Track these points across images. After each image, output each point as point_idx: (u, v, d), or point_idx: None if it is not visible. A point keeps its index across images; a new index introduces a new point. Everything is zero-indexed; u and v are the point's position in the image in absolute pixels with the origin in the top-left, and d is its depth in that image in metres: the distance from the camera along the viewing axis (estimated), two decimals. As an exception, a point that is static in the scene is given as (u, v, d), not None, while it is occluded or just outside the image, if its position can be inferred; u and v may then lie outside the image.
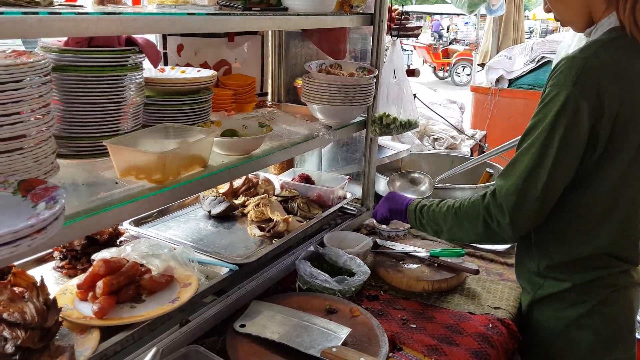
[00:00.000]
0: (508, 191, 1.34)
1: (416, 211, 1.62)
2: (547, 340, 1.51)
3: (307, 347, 1.28)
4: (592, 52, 1.28)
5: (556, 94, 1.29)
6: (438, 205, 1.56)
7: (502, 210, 1.35)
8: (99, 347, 1.15)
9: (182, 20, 1.22)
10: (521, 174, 1.33)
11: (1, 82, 0.98)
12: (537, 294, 1.51)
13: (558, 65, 1.32)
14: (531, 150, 1.32)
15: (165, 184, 1.24)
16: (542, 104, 1.33)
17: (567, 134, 1.28)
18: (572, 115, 1.27)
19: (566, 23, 1.45)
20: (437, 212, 1.55)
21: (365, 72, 1.98)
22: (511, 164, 1.37)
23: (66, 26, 0.98)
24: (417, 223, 1.63)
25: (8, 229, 0.82)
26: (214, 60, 2.02)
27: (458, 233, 1.50)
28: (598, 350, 1.44)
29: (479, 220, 1.41)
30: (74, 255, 1.52)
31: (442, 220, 1.52)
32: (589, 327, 1.43)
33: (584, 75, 1.25)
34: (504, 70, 5.39)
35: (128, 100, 1.33)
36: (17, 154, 1.04)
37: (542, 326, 1.52)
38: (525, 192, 1.32)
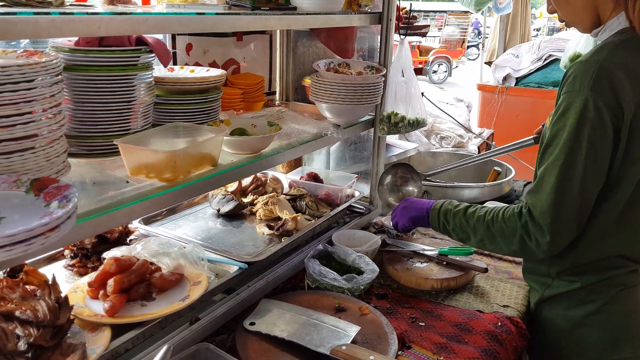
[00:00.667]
0: (542, 208, 1.29)
1: (440, 215, 1.56)
2: (555, 338, 1.51)
3: (316, 345, 1.28)
4: (605, 55, 1.25)
5: (573, 100, 1.26)
6: (466, 213, 1.49)
7: (541, 230, 1.30)
8: (110, 345, 1.16)
9: (192, 20, 1.23)
10: (552, 189, 1.28)
11: (14, 82, 0.99)
12: (545, 293, 1.51)
13: (569, 71, 1.30)
14: (558, 163, 1.28)
15: (176, 182, 1.24)
16: (558, 112, 1.29)
17: (593, 140, 1.25)
18: (595, 120, 1.24)
19: (572, 24, 1.42)
20: (465, 221, 1.48)
21: (374, 71, 1.98)
22: (540, 180, 1.32)
23: (78, 26, 0.98)
24: (440, 227, 1.57)
25: (22, 227, 0.83)
26: (222, 59, 2.03)
27: (489, 246, 1.46)
28: (606, 349, 1.44)
29: (515, 237, 1.36)
30: (84, 254, 1.53)
31: (471, 230, 1.47)
32: (596, 326, 1.43)
33: (600, 79, 1.23)
34: (511, 69, 5.36)
35: (138, 100, 1.34)
36: (30, 153, 1.05)
37: (550, 324, 1.52)
38: (561, 207, 1.28)
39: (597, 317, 1.43)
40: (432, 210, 1.59)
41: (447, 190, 2.31)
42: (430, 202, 1.62)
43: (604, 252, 1.39)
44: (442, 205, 1.57)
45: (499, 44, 6.52)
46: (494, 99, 5.41)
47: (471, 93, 5.51)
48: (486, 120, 5.39)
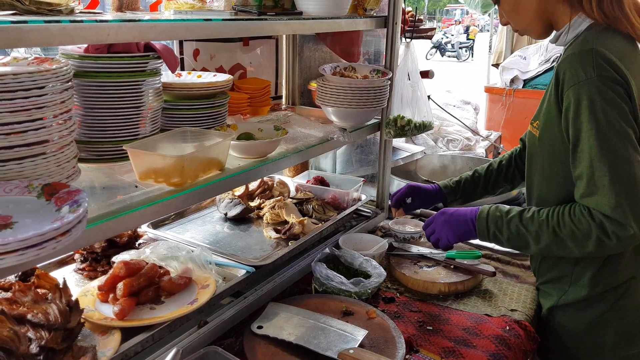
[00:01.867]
0: (611, 204, 1.23)
1: (489, 225, 1.43)
2: (570, 341, 1.50)
3: (324, 348, 1.29)
4: (594, 43, 1.27)
5: (584, 90, 1.24)
6: (522, 219, 1.38)
7: (621, 225, 1.23)
8: (120, 348, 1.17)
9: (199, 27, 1.24)
10: (610, 180, 1.22)
11: (26, 89, 1.01)
12: (561, 300, 1.50)
13: (562, 67, 1.29)
14: (601, 154, 1.23)
15: (184, 186, 1.26)
16: (570, 109, 1.27)
17: (621, 118, 1.22)
18: (613, 100, 1.22)
19: (524, 32, 1.46)
20: (524, 228, 1.37)
21: (379, 75, 1.98)
22: (589, 181, 1.25)
23: (88, 34, 1.00)
24: (491, 238, 1.44)
25: (34, 232, 0.85)
26: (229, 64, 2.05)
27: (556, 251, 1.35)
28: (622, 345, 1.44)
29: (591, 239, 1.27)
30: (94, 258, 1.55)
31: (532, 238, 1.36)
32: (611, 323, 1.43)
33: (601, 62, 1.23)
34: (519, 71, 5.35)
35: (146, 105, 1.36)
36: (41, 159, 1.06)
37: (563, 328, 1.51)
38: (630, 194, 1.22)
39: (611, 314, 1.43)
40: (478, 220, 1.46)
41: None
42: (473, 210, 1.49)
43: None
44: (489, 213, 1.45)
45: (506, 46, 6.50)
46: (502, 102, 5.40)
47: (478, 95, 5.49)
48: (494, 123, 5.37)
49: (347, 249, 1.77)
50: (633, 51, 1.33)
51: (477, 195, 1.83)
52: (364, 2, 1.90)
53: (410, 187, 1.79)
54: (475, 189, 1.81)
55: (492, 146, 4.06)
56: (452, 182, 1.82)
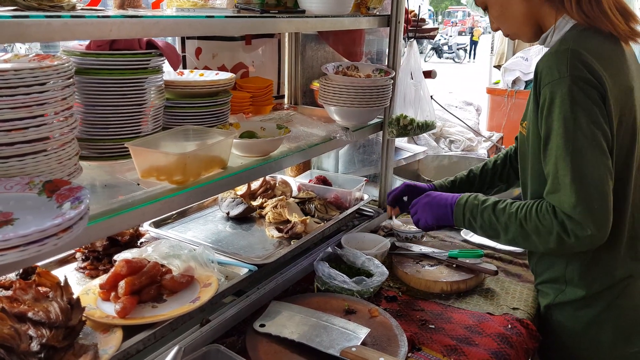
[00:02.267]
0: (570, 203, 1.24)
1: (465, 211, 1.46)
2: (568, 340, 1.50)
3: (326, 346, 1.28)
4: (572, 43, 1.27)
5: (557, 89, 1.25)
6: (495, 209, 1.40)
7: (579, 225, 1.24)
8: (122, 346, 1.16)
9: (202, 23, 1.24)
10: (572, 180, 1.24)
11: (27, 85, 1.00)
12: (557, 299, 1.50)
13: (540, 66, 1.30)
14: (565, 154, 1.25)
15: (186, 185, 1.25)
16: (544, 106, 1.28)
17: (590, 119, 1.23)
18: (584, 100, 1.23)
19: (515, 36, 1.48)
20: (495, 218, 1.39)
21: (382, 74, 1.98)
22: (554, 178, 1.28)
23: (90, 29, 1.00)
24: (466, 224, 1.48)
25: (35, 228, 0.84)
26: (231, 63, 2.04)
27: (522, 244, 1.39)
28: (619, 344, 1.43)
29: (552, 236, 1.28)
30: (95, 256, 1.54)
31: (502, 228, 1.38)
32: (608, 323, 1.43)
33: (575, 62, 1.24)
34: (521, 72, 5.34)
35: (149, 103, 1.36)
36: (42, 156, 1.06)
37: (562, 326, 1.51)
38: (588, 195, 1.23)
39: (608, 313, 1.42)
40: (456, 205, 1.49)
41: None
42: (454, 196, 1.52)
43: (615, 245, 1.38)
44: (467, 200, 1.47)
45: (508, 47, 6.49)
46: (504, 103, 5.39)
47: (480, 96, 5.49)
48: (495, 124, 5.37)
49: (350, 248, 1.76)
50: (614, 51, 1.33)
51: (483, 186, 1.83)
52: (367, 1, 1.90)
53: (406, 185, 1.80)
54: (470, 188, 1.80)
55: (494, 147, 4.04)
56: (447, 182, 1.82)
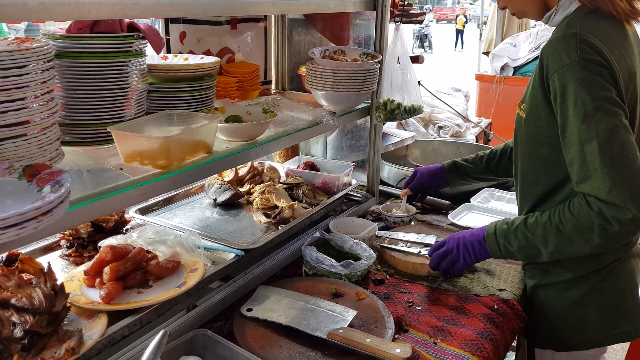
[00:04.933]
0: (606, 187, 1.19)
1: (498, 239, 1.40)
2: (553, 320, 1.51)
3: (313, 329, 1.28)
4: (578, 26, 1.26)
5: (569, 74, 1.22)
6: (526, 225, 1.35)
7: (619, 208, 1.19)
8: (107, 331, 1.16)
9: (185, 4, 1.22)
10: (602, 163, 1.19)
11: (5, 68, 0.98)
12: (544, 279, 1.52)
13: (546, 51, 1.28)
14: (590, 138, 1.20)
15: (170, 169, 1.24)
16: (557, 93, 1.25)
17: (607, 99, 1.20)
18: (598, 82, 1.21)
19: (522, 14, 1.46)
20: (531, 234, 1.34)
21: (369, 58, 1.97)
22: (581, 165, 1.23)
23: (68, 10, 0.97)
24: (502, 252, 1.41)
25: (14, 211, 0.83)
26: (216, 48, 2.02)
27: (567, 250, 1.31)
28: (604, 325, 1.45)
29: (594, 231, 1.23)
30: (80, 243, 1.53)
31: (541, 242, 1.32)
32: (593, 304, 1.44)
33: (584, 46, 1.22)
34: (509, 58, 5.35)
35: (131, 87, 1.33)
36: (22, 140, 1.04)
37: (547, 307, 1.52)
38: (623, 175, 1.19)
39: (593, 295, 1.44)
40: (487, 236, 1.44)
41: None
42: (482, 228, 1.47)
43: None
44: (496, 228, 1.42)
45: (497, 34, 6.50)
46: (492, 89, 5.41)
47: (469, 83, 5.50)
48: (484, 110, 5.39)
49: (338, 233, 1.76)
50: (619, 35, 1.31)
51: (480, 173, 1.86)
52: (352, -16, 1.88)
53: (417, 171, 1.93)
54: (477, 167, 1.85)
55: (482, 132, 4.06)
56: (458, 160, 1.89)
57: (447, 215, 2.08)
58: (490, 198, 2.28)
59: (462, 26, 22.41)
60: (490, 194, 2.29)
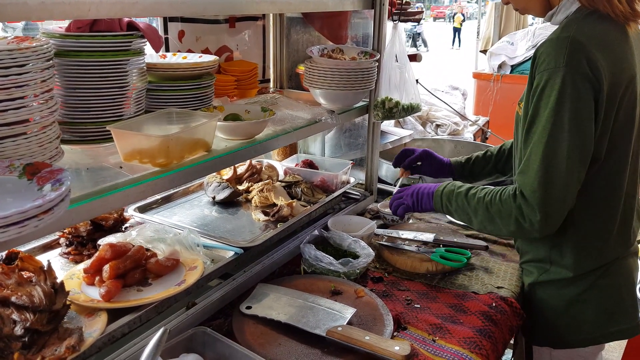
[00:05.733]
0: (532, 187, 1.30)
1: (442, 197, 1.53)
2: (551, 318, 1.52)
3: (312, 327, 1.29)
4: (574, 30, 1.27)
5: (550, 77, 1.26)
6: (467, 194, 1.47)
7: (533, 209, 1.30)
8: (107, 329, 1.16)
9: (183, 3, 1.22)
10: (540, 166, 1.28)
11: (5, 67, 0.99)
12: (541, 277, 1.52)
13: (540, 50, 1.30)
14: (542, 141, 1.28)
15: (170, 167, 1.24)
16: (536, 92, 1.29)
17: (575, 114, 1.25)
18: (574, 94, 1.24)
19: (524, 11, 1.49)
20: (467, 202, 1.46)
21: (367, 56, 1.97)
22: (527, 160, 1.32)
23: (68, 9, 0.98)
24: (443, 209, 1.55)
25: (15, 209, 0.83)
26: (215, 46, 2.02)
27: (489, 227, 1.45)
28: (602, 323, 1.46)
29: (511, 219, 1.35)
30: (79, 242, 1.53)
31: (472, 212, 1.45)
32: (591, 302, 1.45)
33: (574, 52, 1.24)
34: (506, 56, 5.36)
35: (130, 85, 1.34)
36: (22, 139, 1.04)
37: (545, 304, 1.53)
38: (549, 185, 1.28)
39: (591, 292, 1.45)
40: (435, 192, 1.56)
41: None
42: (435, 185, 1.59)
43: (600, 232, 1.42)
44: (445, 187, 1.54)
45: (494, 32, 6.51)
46: (489, 87, 5.42)
47: (466, 81, 5.51)
48: (482, 108, 5.40)
49: (336, 231, 1.77)
50: (619, 38, 1.32)
51: (487, 173, 1.87)
52: (350, -17, 1.88)
53: (425, 151, 1.89)
54: (485, 166, 1.85)
55: (480, 131, 4.07)
56: (463, 159, 1.88)
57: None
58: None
59: (460, 24, 22.41)
60: (487, 192, 2.29)
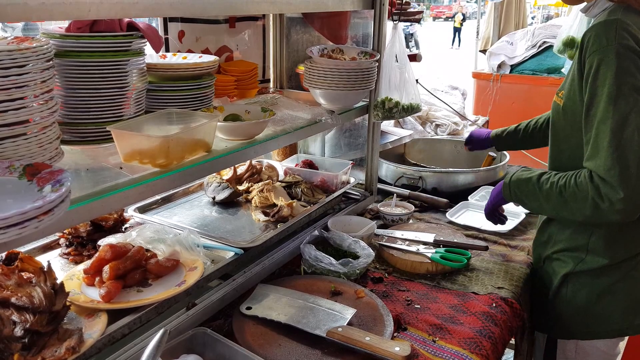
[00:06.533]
0: (606, 165, 1.28)
1: (511, 185, 1.57)
2: (582, 309, 1.55)
3: (313, 327, 1.29)
4: (620, 14, 1.33)
5: (604, 56, 1.30)
6: (538, 180, 1.48)
7: (612, 187, 1.27)
8: (107, 330, 1.16)
9: (183, 3, 1.22)
10: (610, 143, 1.28)
11: (5, 67, 0.98)
12: (577, 267, 1.54)
13: (588, 35, 1.35)
14: (607, 117, 1.29)
15: (170, 168, 1.24)
16: (590, 73, 1.33)
17: (635, 85, 1.27)
18: (631, 67, 1.28)
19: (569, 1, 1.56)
20: (538, 188, 1.48)
21: (367, 57, 1.97)
22: (594, 143, 1.32)
23: (68, 9, 0.98)
24: (513, 198, 1.58)
25: (15, 211, 0.83)
26: (215, 46, 2.02)
27: (562, 212, 1.45)
28: (629, 315, 1.50)
29: (587, 202, 1.33)
30: (79, 242, 1.53)
31: (544, 198, 1.46)
32: (622, 292, 1.49)
33: (623, 32, 1.30)
34: (506, 56, 5.36)
35: (130, 86, 1.34)
36: (22, 140, 1.04)
37: (577, 295, 1.56)
38: (624, 159, 1.26)
39: (623, 283, 1.49)
40: (504, 186, 1.61)
41: (442, 176, 2.31)
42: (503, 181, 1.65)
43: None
44: (513, 176, 1.58)
45: (494, 32, 6.51)
46: (489, 87, 5.41)
47: (466, 81, 5.50)
48: (481, 108, 5.39)
49: (336, 231, 1.77)
50: None
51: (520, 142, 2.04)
52: (350, -17, 1.88)
53: (470, 133, 2.21)
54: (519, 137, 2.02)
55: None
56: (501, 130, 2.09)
57: (445, 214, 2.10)
58: (488, 196, 2.28)
59: (460, 24, 22.40)
60: (487, 192, 2.30)
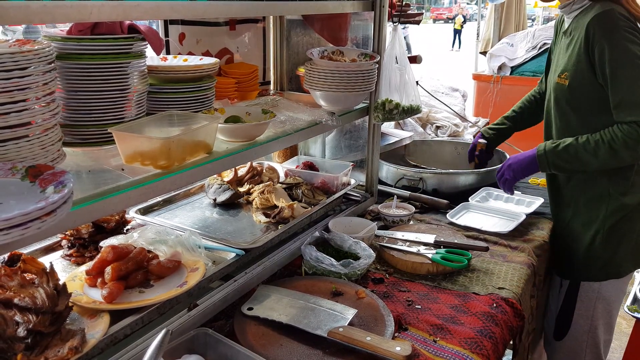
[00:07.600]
0: None
1: (547, 155, 1.79)
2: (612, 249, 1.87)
3: (314, 327, 1.29)
4: (612, 5, 1.60)
5: (610, 35, 1.60)
6: (577, 142, 1.73)
7: None
8: (109, 330, 1.16)
9: (184, 6, 1.23)
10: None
11: (7, 70, 0.99)
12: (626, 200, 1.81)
13: (590, 25, 1.62)
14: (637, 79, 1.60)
15: (171, 169, 1.25)
16: (604, 54, 1.61)
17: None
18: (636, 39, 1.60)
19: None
20: (581, 148, 1.71)
21: (367, 58, 1.98)
22: (629, 101, 1.61)
23: (69, 12, 0.98)
24: (550, 166, 1.80)
25: (18, 212, 0.84)
26: (215, 49, 2.03)
27: (612, 162, 1.71)
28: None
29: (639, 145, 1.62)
30: (81, 244, 1.54)
31: (591, 154, 1.70)
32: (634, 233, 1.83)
33: (621, 18, 1.60)
34: (506, 58, 5.37)
35: (132, 88, 1.34)
36: (24, 141, 1.05)
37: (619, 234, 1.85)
38: None
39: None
40: (538, 154, 1.83)
41: (442, 177, 2.32)
42: (533, 150, 1.85)
43: None
44: (545, 147, 1.81)
45: (494, 33, 6.52)
46: (489, 89, 5.42)
47: (466, 82, 5.51)
48: (482, 110, 5.40)
49: (337, 232, 1.77)
50: None
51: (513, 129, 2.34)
52: (350, -15, 1.89)
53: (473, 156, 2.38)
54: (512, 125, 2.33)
55: (479, 132, 4.07)
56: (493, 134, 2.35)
57: (445, 215, 2.10)
58: (489, 197, 2.29)
59: (460, 26, 22.42)
60: (488, 194, 2.31)
